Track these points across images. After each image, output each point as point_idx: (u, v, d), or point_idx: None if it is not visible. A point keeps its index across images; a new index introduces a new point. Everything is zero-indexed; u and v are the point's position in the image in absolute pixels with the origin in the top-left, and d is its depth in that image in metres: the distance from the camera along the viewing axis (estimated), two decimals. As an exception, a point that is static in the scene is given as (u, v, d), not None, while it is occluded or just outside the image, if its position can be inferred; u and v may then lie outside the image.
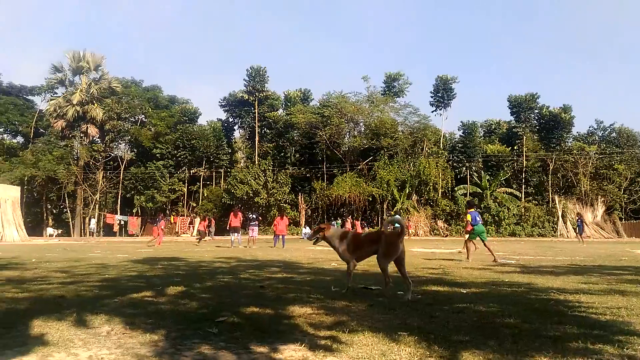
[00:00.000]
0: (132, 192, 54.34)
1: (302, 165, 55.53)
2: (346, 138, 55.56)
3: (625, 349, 3.33)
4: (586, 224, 32.51)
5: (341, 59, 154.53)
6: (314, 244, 6.60)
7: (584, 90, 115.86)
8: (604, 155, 51.48)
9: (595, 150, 51.67)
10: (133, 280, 7.87)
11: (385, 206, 49.32)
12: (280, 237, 22.05)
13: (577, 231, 30.22)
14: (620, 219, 49.35)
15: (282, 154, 55.66)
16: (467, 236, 13.43)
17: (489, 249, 13.13)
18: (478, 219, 13.34)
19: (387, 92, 56.66)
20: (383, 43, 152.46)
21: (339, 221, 42.42)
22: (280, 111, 60.03)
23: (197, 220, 47.45)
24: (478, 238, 13.32)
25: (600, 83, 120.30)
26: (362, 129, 55.48)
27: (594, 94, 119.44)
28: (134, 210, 55.23)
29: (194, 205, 56.29)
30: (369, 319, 4.51)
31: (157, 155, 55.23)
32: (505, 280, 7.80)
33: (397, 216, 7.38)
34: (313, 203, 51.62)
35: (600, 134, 57.24)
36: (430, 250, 19.35)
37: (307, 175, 54.66)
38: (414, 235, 45.19)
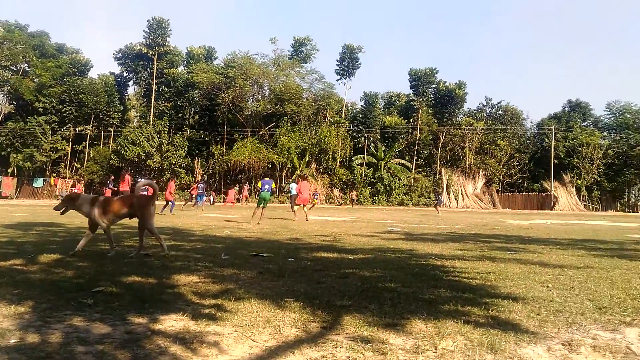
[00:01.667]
0: (8, 149, 49.07)
1: (201, 128, 53.82)
2: (250, 102, 54.59)
3: (490, 311, 3.64)
4: (440, 198, 36.73)
5: (250, 18, 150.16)
6: (62, 214, 6.68)
7: (479, 67, 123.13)
8: (489, 131, 55.52)
9: (482, 126, 55.56)
10: (1, 247, 7.19)
11: (284, 173, 49.60)
12: (170, 203, 21.12)
13: (435, 204, 33.06)
14: (498, 191, 54.01)
15: (180, 115, 53.49)
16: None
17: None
18: (266, 187, 15.11)
19: (294, 56, 56.14)
20: (293, 5, 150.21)
21: (237, 187, 41.97)
22: (181, 68, 57.37)
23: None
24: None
25: (494, 61, 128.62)
26: (267, 94, 54.66)
27: (487, 71, 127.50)
28: (9, 170, 50.15)
29: (78, 166, 52.42)
30: (257, 286, 4.51)
31: (40, 109, 50.34)
32: (390, 247, 8.22)
33: (144, 180, 7.81)
34: (210, 168, 50.46)
35: (488, 111, 61.41)
36: (324, 218, 19.83)
37: (206, 139, 53.07)
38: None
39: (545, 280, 5.08)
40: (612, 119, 59.17)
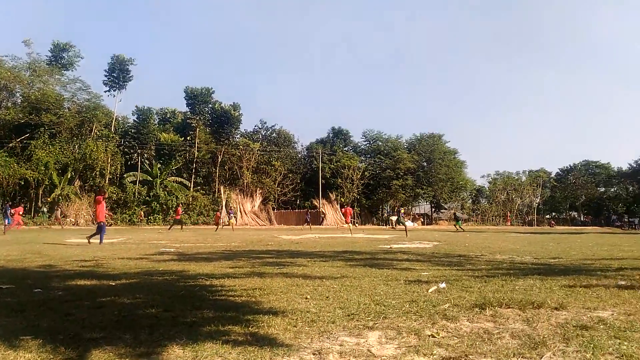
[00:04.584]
0: None
1: None
2: (-3, 109, 46.70)
3: (250, 327, 3.68)
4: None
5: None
6: None
7: (253, 92, 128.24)
8: (265, 152, 58.29)
9: (258, 147, 57.94)
10: None
11: (41, 191, 43.65)
12: None
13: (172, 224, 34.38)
14: (274, 208, 56.75)
15: None
16: None
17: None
18: None
19: (53, 62, 49.99)
20: (51, 7, 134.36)
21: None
22: None
23: None
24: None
25: (266, 90, 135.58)
26: (19, 101, 47.42)
27: (261, 95, 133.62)
28: None
29: None
30: (-13, 324, 3.77)
31: None
32: (159, 269, 7.82)
33: None
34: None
35: (264, 133, 64.52)
36: (85, 241, 17.94)
37: None
38: (74, 224, 41.53)
39: (305, 292, 5.40)
40: (368, 145, 68.08)
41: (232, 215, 38.78)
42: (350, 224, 27.11)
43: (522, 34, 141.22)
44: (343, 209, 28.58)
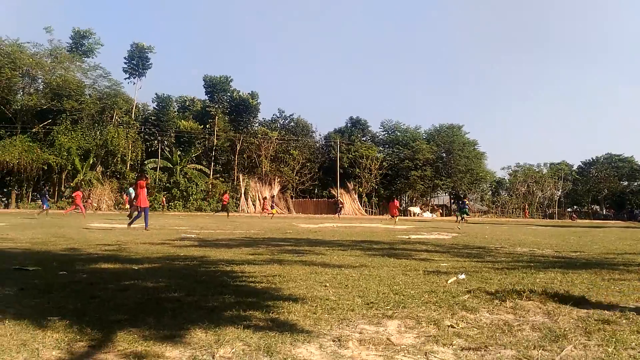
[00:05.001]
0: None
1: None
2: (19, 95, 47.51)
3: (270, 313, 3.72)
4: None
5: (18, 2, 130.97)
6: None
7: (271, 80, 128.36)
8: (283, 141, 58.46)
9: (277, 136, 58.10)
10: None
11: (64, 176, 44.47)
12: None
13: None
14: (292, 197, 57.04)
15: None
16: None
17: None
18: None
19: (74, 49, 50.67)
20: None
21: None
22: None
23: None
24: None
25: (285, 76, 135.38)
26: (41, 87, 48.24)
27: (279, 85, 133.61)
28: None
29: None
30: (16, 304, 3.89)
31: None
32: (181, 255, 7.94)
33: None
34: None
35: (282, 122, 64.65)
36: (110, 225, 18.31)
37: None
38: (97, 209, 42.26)
39: (324, 280, 5.43)
40: (386, 135, 67.69)
41: (274, 205, 39.40)
42: (396, 217, 27.54)
43: (546, 26, 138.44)
44: (390, 202, 29.18)
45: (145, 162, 50.02)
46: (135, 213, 15.76)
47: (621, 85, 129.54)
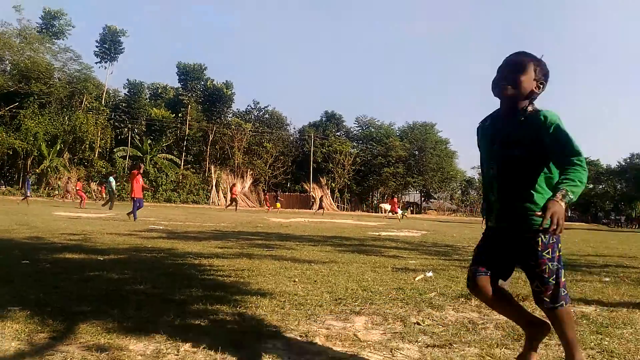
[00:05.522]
0: None
1: None
2: (-16, 76, 45.80)
3: (238, 308, 3.70)
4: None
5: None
6: None
7: (245, 70, 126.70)
8: (257, 133, 58.05)
9: (250, 127, 57.64)
10: None
11: (29, 162, 43.20)
12: None
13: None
14: (264, 190, 56.74)
15: None
16: None
17: None
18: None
19: (44, 30, 49.05)
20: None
21: None
22: None
23: None
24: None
25: (261, 67, 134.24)
26: (8, 69, 46.59)
27: (253, 75, 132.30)
28: None
29: None
30: (-26, 294, 3.77)
31: None
32: (148, 246, 7.81)
33: None
34: None
35: (256, 114, 64.16)
36: (76, 214, 17.89)
37: None
38: (61, 197, 41.23)
39: (293, 275, 5.43)
40: (360, 130, 68.01)
41: (278, 199, 39.11)
42: (400, 213, 27.85)
43: (511, 29, 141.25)
44: (390, 200, 30.80)
45: (115, 150, 49.02)
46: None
47: (579, 94, 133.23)
